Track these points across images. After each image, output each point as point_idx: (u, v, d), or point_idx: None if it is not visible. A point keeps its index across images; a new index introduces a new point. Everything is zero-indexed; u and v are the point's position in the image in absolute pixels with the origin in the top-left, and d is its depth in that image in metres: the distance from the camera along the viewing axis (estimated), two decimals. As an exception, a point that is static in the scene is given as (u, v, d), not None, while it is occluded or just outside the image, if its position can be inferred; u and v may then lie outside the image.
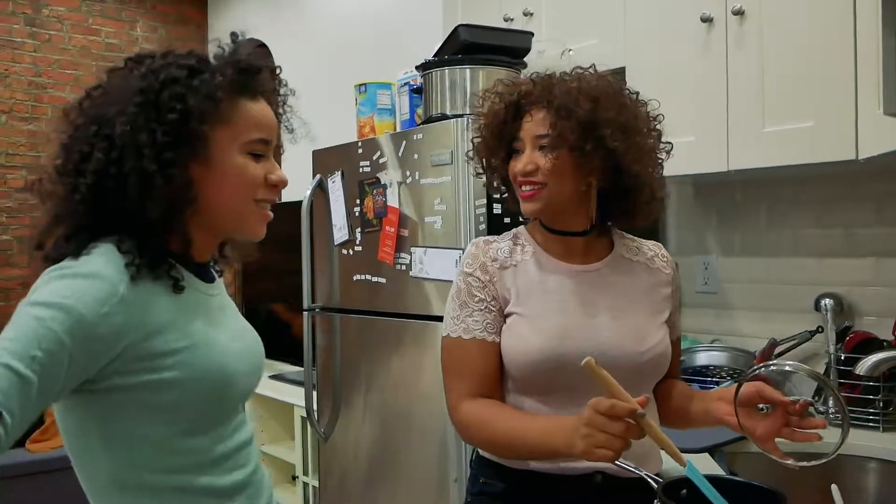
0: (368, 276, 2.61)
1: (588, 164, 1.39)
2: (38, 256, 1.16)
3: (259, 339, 1.37)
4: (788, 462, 1.33)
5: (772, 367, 2.02)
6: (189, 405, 1.15)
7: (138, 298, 1.10)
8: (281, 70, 1.28)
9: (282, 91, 1.28)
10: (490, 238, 1.53)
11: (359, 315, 2.68)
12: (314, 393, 2.90)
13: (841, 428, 1.31)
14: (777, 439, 1.37)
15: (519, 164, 1.43)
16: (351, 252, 2.69)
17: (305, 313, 2.86)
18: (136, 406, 1.12)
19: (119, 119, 1.12)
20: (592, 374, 1.17)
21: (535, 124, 1.42)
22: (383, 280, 2.54)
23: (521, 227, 1.55)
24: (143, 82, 1.14)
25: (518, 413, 1.39)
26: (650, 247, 1.58)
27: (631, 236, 1.58)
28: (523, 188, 1.43)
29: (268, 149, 1.23)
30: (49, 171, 1.18)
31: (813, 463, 1.32)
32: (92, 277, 1.07)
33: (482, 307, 1.44)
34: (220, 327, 1.24)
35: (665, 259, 1.57)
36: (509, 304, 1.44)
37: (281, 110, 1.28)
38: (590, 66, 1.48)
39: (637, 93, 1.47)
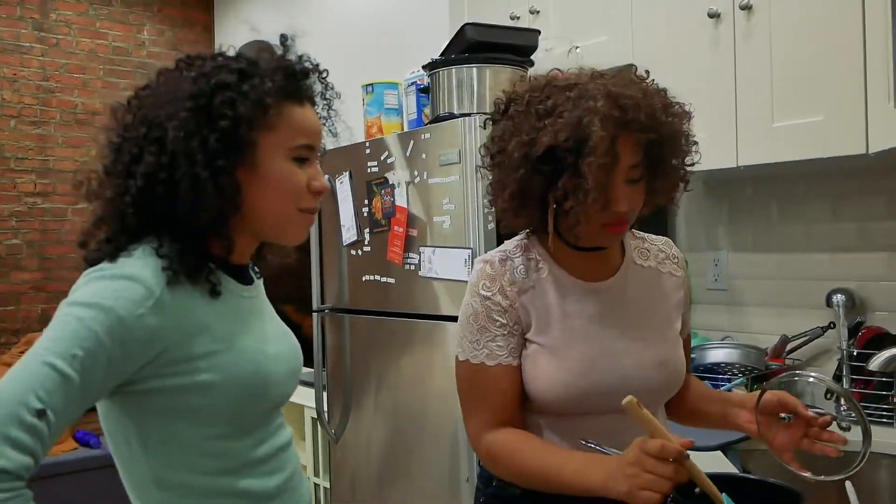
0: (377, 277, 2.60)
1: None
2: (81, 255, 1.17)
3: (297, 342, 1.36)
4: (805, 474, 1.32)
5: (795, 377, 2.01)
6: (224, 408, 1.15)
7: (174, 302, 1.10)
8: (328, 73, 1.27)
9: (327, 94, 1.27)
10: (502, 255, 1.42)
11: (368, 315, 2.68)
12: (324, 394, 2.91)
13: (862, 443, 1.29)
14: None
15: (623, 206, 1.28)
16: (360, 252, 2.69)
17: (315, 314, 2.86)
18: (171, 408, 1.13)
19: (170, 123, 1.11)
20: (635, 414, 1.14)
21: (627, 154, 1.26)
22: (392, 280, 2.54)
23: (532, 237, 1.45)
24: (194, 86, 1.13)
25: (550, 447, 1.35)
26: (661, 247, 1.53)
27: (640, 234, 1.54)
28: (611, 224, 1.31)
29: (313, 154, 1.23)
30: (97, 171, 1.18)
31: (830, 478, 1.30)
32: (128, 279, 1.07)
33: (505, 332, 1.37)
34: (257, 330, 1.24)
35: (675, 260, 1.53)
36: (530, 329, 1.38)
37: (326, 114, 1.28)
38: (628, 65, 1.39)
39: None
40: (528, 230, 1.46)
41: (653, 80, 1.36)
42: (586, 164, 1.21)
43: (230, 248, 1.20)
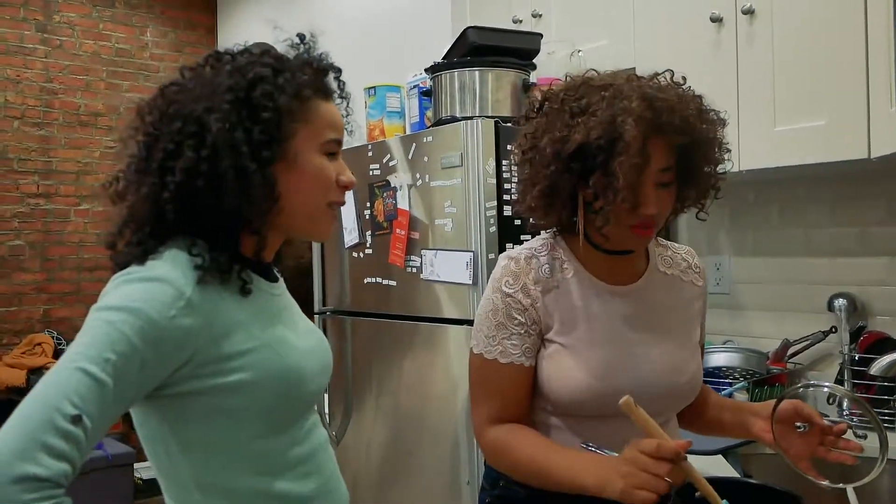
0: (379, 279, 2.61)
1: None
2: (109, 256, 1.16)
3: (324, 337, 1.36)
4: (823, 483, 1.31)
5: (810, 388, 2.01)
6: (261, 406, 1.15)
7: (206, 302, 1.09)
8: (342, 72, 1.28)
9: (343, 93, 1.28)
10: (528, 252, 1.41)
11: (370, 318, 2.68)
12: (326, 396, 2.91)
13: (879, 449, 1.28)
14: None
15: (652, 209, 1.28)
16: (361, 255, 2.69)
17: (316, 316, 2.86)
18: (209, 410, 1.12)
19: (211, 116, 1.10)
20: (630, 413, 1.14)
21: (659, 157, 1.26)
22: (394, 283, 2.54)
23: (558, 237, 1.45)
24: (231, 80, 1.13)
25: (548, 443, 1.35)
26: (683, 256, 1.54)
27: (664, 242, 1.55)
28: (639, 226, 1.31)
29: (339, 149, 1.24)
30: (125, 171, 1.17)
31: (847, 485, 1.30)
32: (158, 281, 1.07)
33: (522, 331, 1.37)
34: (287, 327, 1.23)
35: (698, 270, 1.53)
36: (551, 330, 1.38)
37: (344, 111, 1.28)
38: (665, 72, 1.38)
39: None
40: (554, 230, 1.46)
41: (689, 86, 1.35)
42: (618, 164, 1.22)
43: (263, 244, 1.19)
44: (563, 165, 1.28)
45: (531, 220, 1.43)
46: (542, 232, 1.49)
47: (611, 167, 1.23)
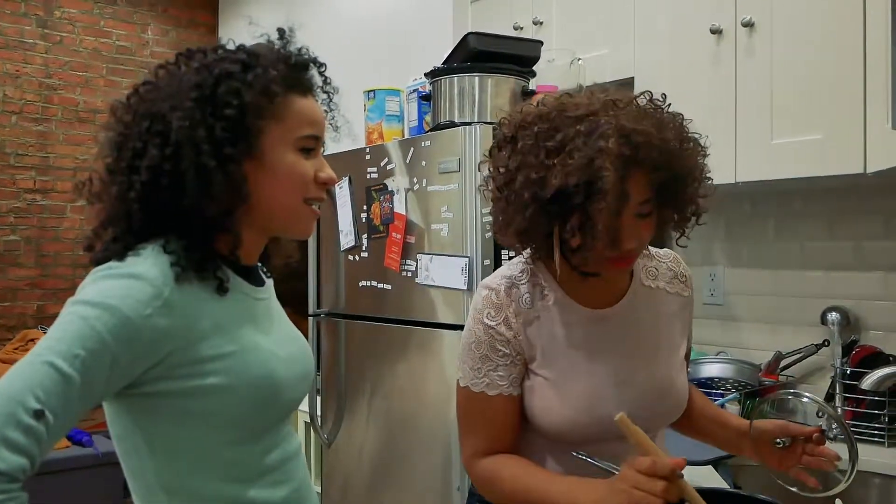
0: (374, 283, 2.61)
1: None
2: (88, 258, 1.15)
3: (307, 345, 1.34)
4: (814, 485, 1.36)
5: (790, 396, 2.02)
6: (235, 413, 1.13)
7: (183, 302, 1.08)
8: (326, 66, 1.26)
9: (327, 88, 1.26)
10: (508, 282, 1.38)
11: (364, 321, 2.68)
12: (318, 398, 2.90)
13: (849, 461, 1.32)
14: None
15: (632, 243, 1.25)
16: (357, 258, 2.69)
17: (311, 318, 2.86)
18: (181, 412, 1.10)
19: (174, 114, 1.10)
20: (625, 430, 1.14)
21: (638, 191, 1.22)
22: (389, 286, 2.54)
23: (537, 261, 1.40)
24: (197, 77, 1.12)
25: (540, 470, 1.34)
26: (669, 265, 1.49)
27: (648, 252, 1.50)
28: (618, 259, 1.28)
29: (318, 145, 1.22)
30: (98, 171, 1.16)
31: (823, 494, 1.34)
32: (136, 278, 1.05)
33: (507, 362, 1.35)
34: (268, 333, 1.22)
35: (684, 279, 1.50)
36: (534, 361, 1.36)
37: (326, 107, 1.27)
38: (644, 93, 1.31)
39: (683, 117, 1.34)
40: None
41: (669, 104, 1.31)
42: (595, 210, 1.18)
43: (237, 244, 1.18)
44: (540, 207, 1.24)
45: (508, 248, 1.42)
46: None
47: (588, 210, 1.19)
